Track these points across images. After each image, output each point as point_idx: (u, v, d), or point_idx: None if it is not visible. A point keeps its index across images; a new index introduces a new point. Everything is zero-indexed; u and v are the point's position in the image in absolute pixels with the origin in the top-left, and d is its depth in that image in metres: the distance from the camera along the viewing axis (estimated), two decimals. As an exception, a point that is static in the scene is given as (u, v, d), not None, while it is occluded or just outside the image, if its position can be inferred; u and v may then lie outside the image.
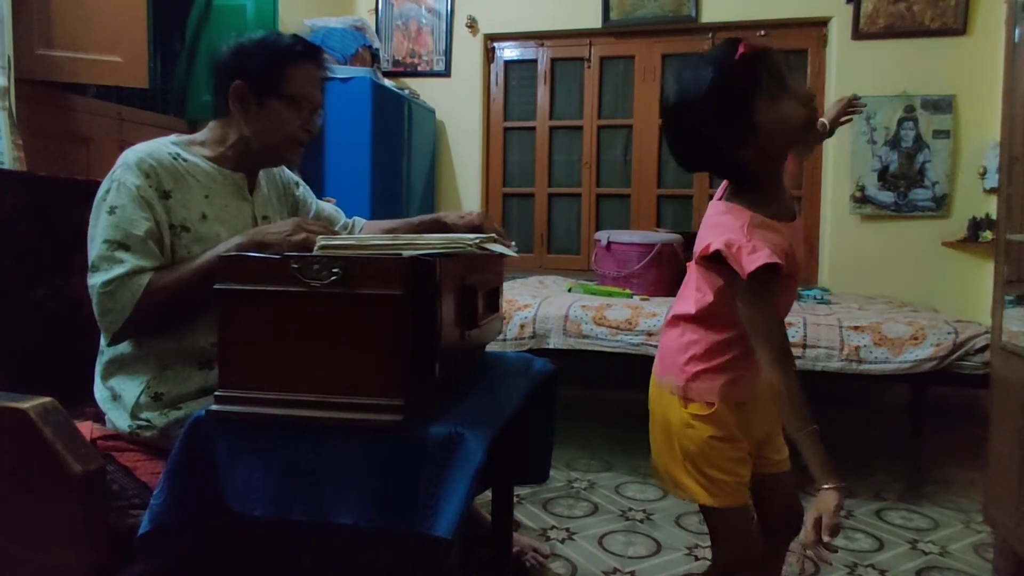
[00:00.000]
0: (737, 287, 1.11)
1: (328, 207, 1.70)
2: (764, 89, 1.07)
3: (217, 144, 1.39)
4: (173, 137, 1.38)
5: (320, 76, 1.41)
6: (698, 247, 1.17)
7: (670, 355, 1.26)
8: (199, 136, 1.41)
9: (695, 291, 1.22)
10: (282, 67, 1.34)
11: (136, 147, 1.30)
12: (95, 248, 1.24)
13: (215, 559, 1.17)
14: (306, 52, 1.38)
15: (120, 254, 1.22)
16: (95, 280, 1.22)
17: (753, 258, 1.06)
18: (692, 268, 1.24)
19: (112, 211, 1.24)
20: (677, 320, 1.26)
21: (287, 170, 1.61)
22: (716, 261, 1.12)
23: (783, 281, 1.13)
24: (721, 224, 1.13)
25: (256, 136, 1.37)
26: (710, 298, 1.19)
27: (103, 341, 1.34)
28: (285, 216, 1.56)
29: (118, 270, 1.21)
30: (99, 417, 1.34)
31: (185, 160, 1.34)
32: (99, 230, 1.24)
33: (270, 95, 1.34)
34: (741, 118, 1.08)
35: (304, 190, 1.65)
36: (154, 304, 1.22)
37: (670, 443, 1.24)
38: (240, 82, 1.33)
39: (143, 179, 1.26)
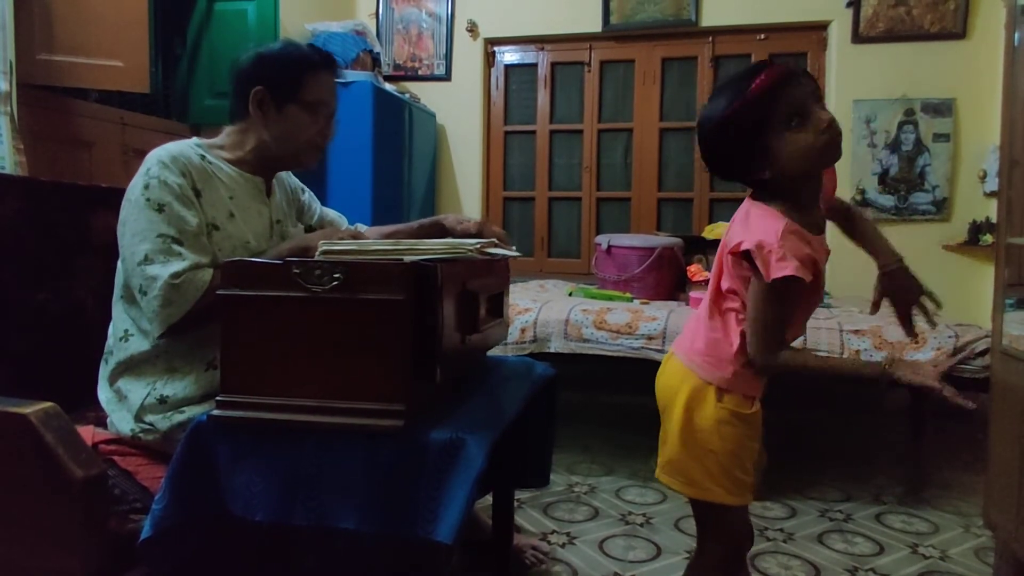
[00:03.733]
0: (753, 284, 1.13)
1: (332, 213, 1.71)
2: (776, 122, 1.10)
3: (236, 148, 1.42)
4: (194, 140, 1.41)
5: (335, 84, 1.45)
6: (730, 240, 1.18)
7: (711, 345, 1.22)
8: (218, 140, 1.44)
9: (734, 280, 1.20)
10: (301, 75, 1.38)
11: (165, 146, 1.33)
12: (147, 243, 1.23)
13: (216, 563, 1.18)
14: (323, 61, 1.43)
15: (177, 248, 1.23)
16: (159, 271, 1.21)
17: (780, 266, 1.08)
18: (727, 258, 1.21)
19: (160, 208, 1.25)
20: (725, 309, 1.22)
21: (293, 176, 1.63)
22: (744, 258, 1.13)
23: (807, 293, 1.14)
24: (756, 224, 1.14)
25: (276, 140, 1.40)
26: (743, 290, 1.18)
27: (110, 340, 1.35)
28: (294, 220, 1.59)
29: (181, 263, 1.22)
30: (100, 421, 1.34)
31: (210, 162, 1.37)
32: (146, 224, 1.24)
33: (289, 101, 1.38)
34: (753, 147, 1.12)
35: (309, 196, 1.67)
36: (214, 301, 1.22)
37: (692, 438, 1.20)
38: (261, 88, 1.37)
39: (181, 178, 1.28)
